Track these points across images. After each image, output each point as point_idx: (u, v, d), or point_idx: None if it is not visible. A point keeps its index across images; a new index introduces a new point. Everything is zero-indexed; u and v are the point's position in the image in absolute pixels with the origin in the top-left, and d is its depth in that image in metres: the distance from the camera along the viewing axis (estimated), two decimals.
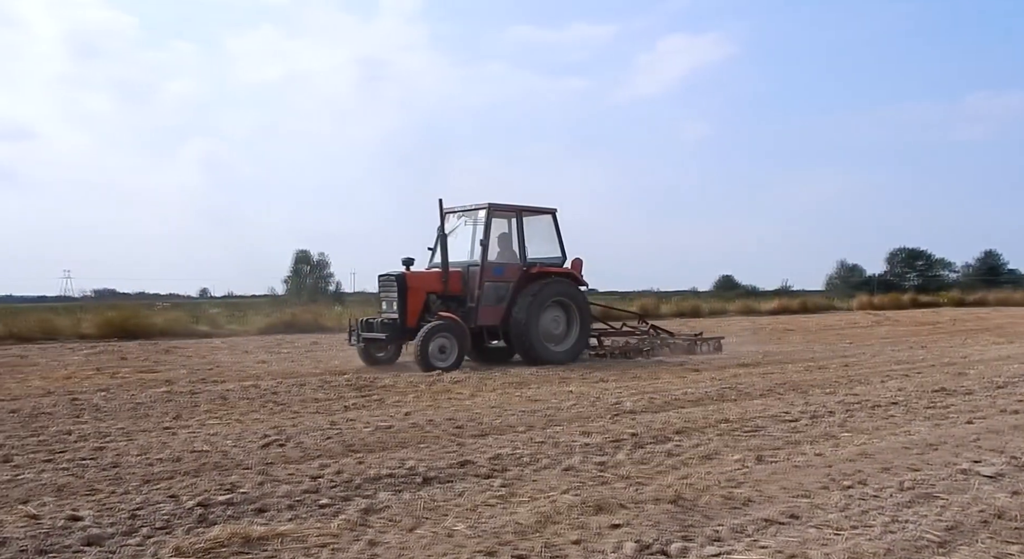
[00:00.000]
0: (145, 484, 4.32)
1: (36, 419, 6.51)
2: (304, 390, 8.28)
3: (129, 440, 5.59)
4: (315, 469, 4.66)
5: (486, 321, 11.22)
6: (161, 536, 3.43)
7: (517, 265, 11.59)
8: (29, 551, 3.22)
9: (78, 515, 3.70)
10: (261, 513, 3.79)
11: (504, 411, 6.84)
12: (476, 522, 3.61)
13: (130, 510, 3.79)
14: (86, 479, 4.44)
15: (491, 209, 11.32)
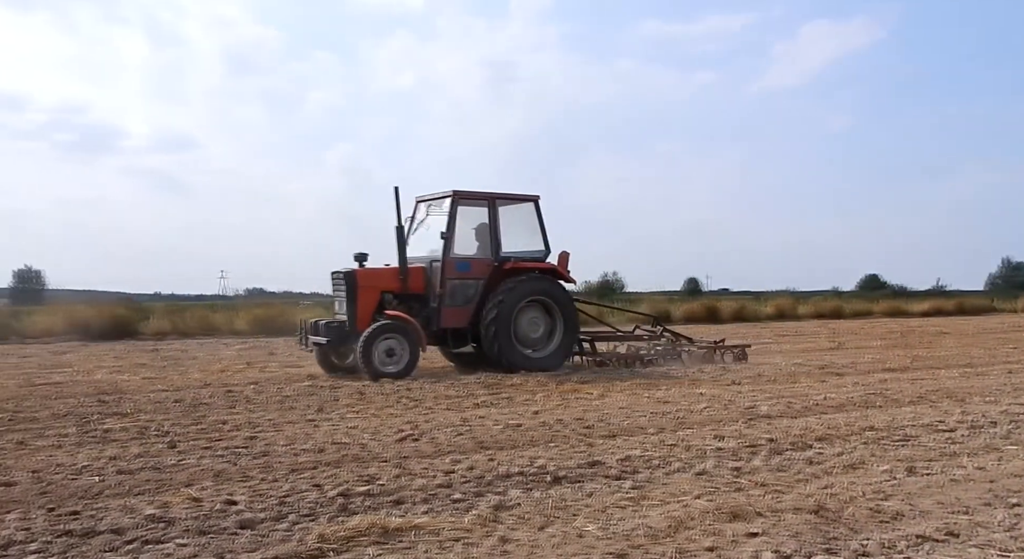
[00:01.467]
0: (292, 473, 4.58)
1: (196, 409, 7.05)
2: (436, 387, 8.51)
3: (277, 431, 5.95)
4: (448, 464, 4.78)
5: (451, 323, 10.04)
6: (306, 523, 3.62)
7: (487, 260, 10.29)
8: (192, 531, 3.49)
9: (233, 500, 3.97)
10: (398, 505, 3.93)
11: (633, 412, 6.75)
12: (606, 524, 3.58)
13: (279, 497, 4.04)
14: (240, 466, 4.77)
15: (456, 197, 10.14)
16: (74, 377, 9.86)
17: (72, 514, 3.73)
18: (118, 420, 6.40)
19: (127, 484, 4.31)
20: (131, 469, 4.66)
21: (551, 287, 10.45)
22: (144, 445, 5.40)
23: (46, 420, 6.45)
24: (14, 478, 4.44)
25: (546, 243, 10.70)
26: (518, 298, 10.06)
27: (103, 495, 4.11)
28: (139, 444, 5.43)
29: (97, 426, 6.10)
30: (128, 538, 3.39)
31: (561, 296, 10.53)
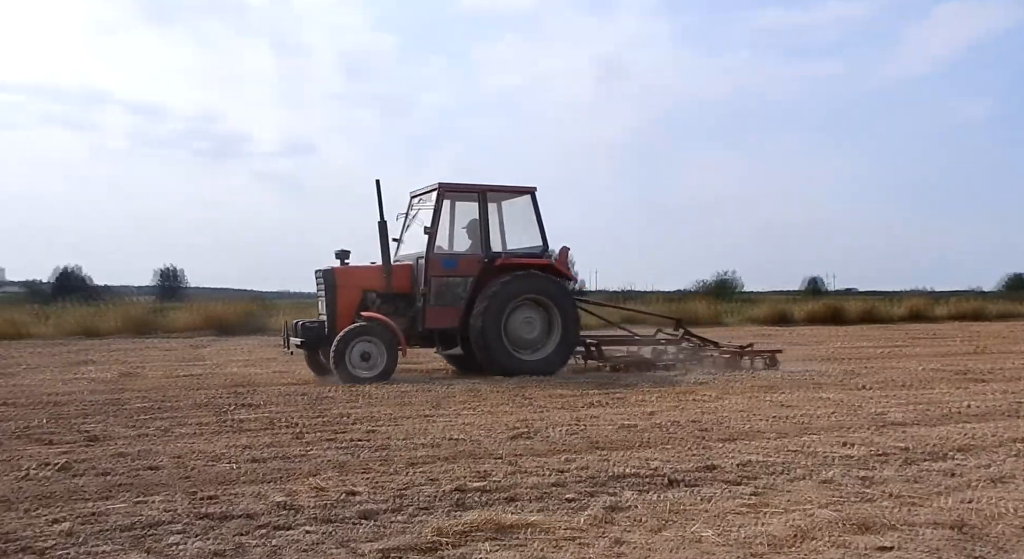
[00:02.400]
0: (410, 466, 4.70)
1: (320, 402, 7.37)
2: (549, 386, 8.53)
3: (395, 425, 6.13)
4: (561, 463, 4.77)
5: (437, 323, 9.51)
6: (423, 516, 3.71)
7: (476, 256, 9.70)
8: (317, 519, 3.65)
9: (355, 490, 4.12)
10: (511, 502, 3.96)
11: (752, 416, 6.52)
12: (724, 530, 3.47)
13: (398, 489, 4.16)
14: (361, 458, 4.94)
15: (442, 189, 9.60)
16: (211, 370, 10.54)
17: (210, 498, 3.99)
18: (250, 411, 6.79)
19: (258, 472, 4.56)
20: (262, 458, 4.93)
21: (546, 285, 9.69)
22: (273, 435, 5.69)
23: (187, 409, 6.91)
24: (159, 462, 4.78)
25: (544, 238, 10.03)
26: (509, 297, 9.40)
27: (237, 481, 4.36)
28: (269, 434, 5.74)
29: (232, 416, 6.49)
30: (260, 523, 3.58)
31: (558, 295, 9.78)
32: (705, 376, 9.36)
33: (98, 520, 3.60)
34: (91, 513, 3.70)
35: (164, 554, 3.18)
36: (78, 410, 6.83)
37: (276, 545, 3.29)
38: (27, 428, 5.91)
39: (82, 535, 3.38)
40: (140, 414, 6.62)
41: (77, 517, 3.63)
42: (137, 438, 5.59)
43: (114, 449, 5.17)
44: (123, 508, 3.80)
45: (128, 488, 4.20)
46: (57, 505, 3.87)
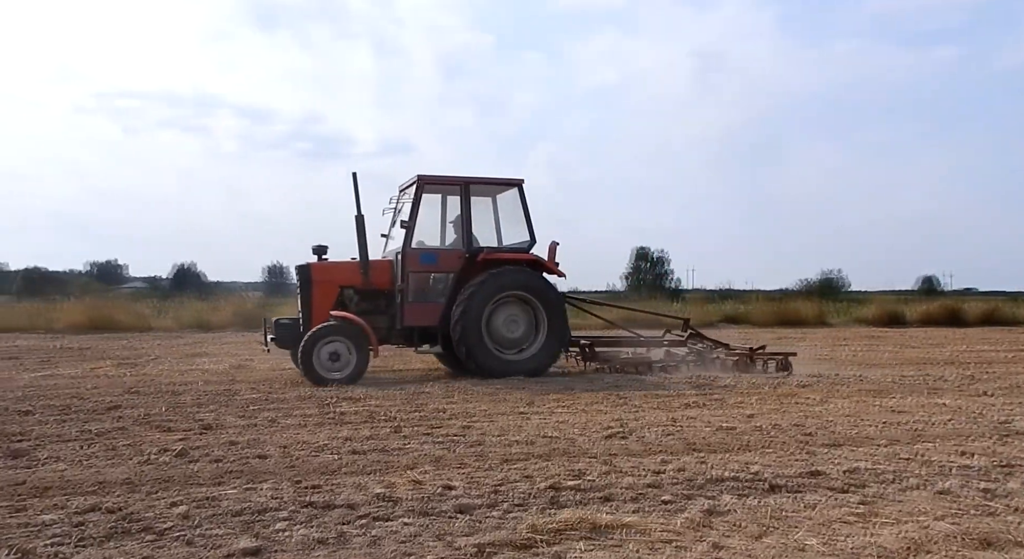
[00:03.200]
0: (504, 463, 4.73)
1: (418, 397, 7.52)
2: (644, 385, 8.41)
3: (490, 422, 6.19)
4: (657, 464, 4.69)
5: (416, 321, 9.16)
6: (518, 512, 3.73)
7: (456, 251, 9.33)
8: (415, 512, 3.72)
9: (451, 485, 4.18)
10: (606, 502, 3.92)
11: (860, 421, 6.22)
12: (830, 539, 3.32)
13: (493, 485, 4.19)
14: (457, 453, 5.02)
15: (421, 182, 9.26)
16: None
17: (314, 487, 4.13)
18: (351, 404, 7.00)
19: (359, 463, 4.70)
20: (362, 450, 5.07)
21: (531, 280, 9.25)
22: (373, 428, 5.85)
23: (292, 401, 7.20)
24: (267, 451, 5.00)
25: (531, 232, 9.58)
26: (490, 294, 8.99)
27: (339, 472, 4.51)
28: (369, 427, 5.90)
29: (334, 409, 6.71)
30: (360, 513, 3.69)
31: (544, 291, 9.33)
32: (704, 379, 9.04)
33: (211, 504, 3.80)
34: (205, 497, 3.91)
35: (271, 539, 3.31)
36: (194, 399, 7.23)
37: (376, 535, 3.38)
38: (148, 415, 6.30)
39: (197, 518, 3.57)
40: (250, 405, 6.94)
41: (192, 501, 3.84)
42: (247, 427, 5.86)
43: (226, 437, 5.44)
44: (234, 494, 3.99)
45: (239, 475, 4.41)
46: (175, 489, 4.10)
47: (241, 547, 3.18)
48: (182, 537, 3.32)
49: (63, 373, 9.52)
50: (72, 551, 3.15)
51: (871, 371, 10.07)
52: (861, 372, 9.90)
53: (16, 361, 10.98)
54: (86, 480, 4.23)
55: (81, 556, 3.10)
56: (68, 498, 3.89)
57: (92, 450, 5.00)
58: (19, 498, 3.89)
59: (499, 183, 9.78)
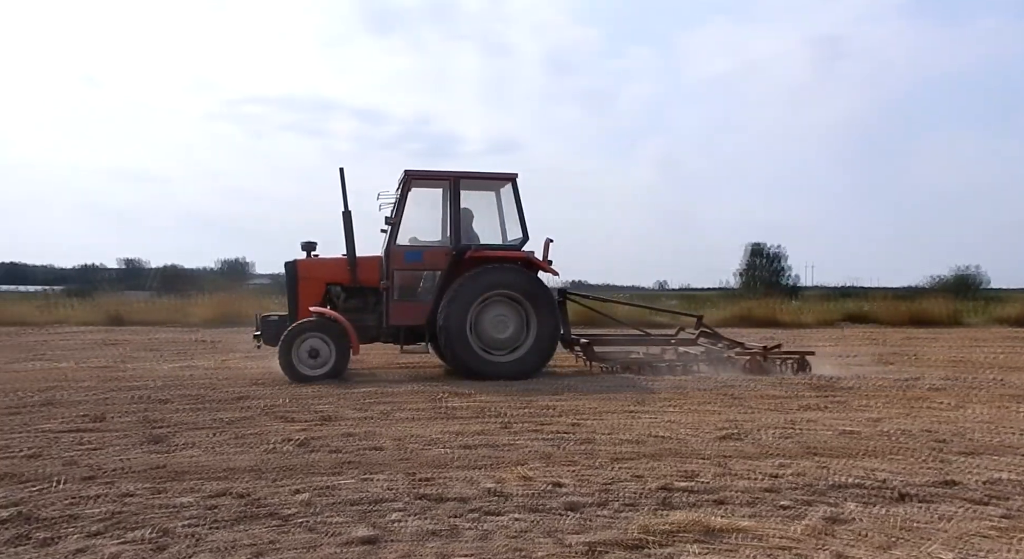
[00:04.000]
0: (614, 462, 4.69)
1: (526, 394, 7.56)
2: (759, 386, 8.13)
3: (599, 419, 6.14)
4: (774, 468, 4.52)
5: (401, 320, 8.92)
6: (628, 512, 3.68)
7: (443, 249, 9.03)
8: (524, 508, 3.75)
9: (561, 482, 4.18)
10: (720, 505, 3.81)
11: (1000, 428, 5.78)
12: (967, 554, 3.10)
13: (602, 484, 4.16)
14: (566, 451, 5.01)
15: (408, 177, 8.97)
16: (423, 359, 11.16)
17: (426, 480, 4.23)
18: (461, 400, 7.12)
19: (469, 458, 4.77)
20: (472, 444, 5.15)
21: (519, 279, 8.86)
22: (483, 423, 5.93)
23: (404, 395, 7.40)
24: (382, 444, 5.16)
25: (524, 229, 9.15)
26: (476, 292, 8.71)
27: (451, 466, 4.59)
28: (479, 422, 5.98)
29: (445, 404, 6.85)
30: (471, 507, 3.74)
31: (533, 290, 8.92)
32: (821, 380, 8.51)
33: (331, 493, 3.95)
34: (325, 486, 4.07)
35: (387, 529, 3.42)
36: (313, 392, 7.55)
37: (487, 530, 3.42)
38: (272, 406, 6.63)
39: (318, 506, 3.73)
40: (365, 398, 7.18)
41: (313, 489, 4.01)
42: (362, 420, 6.07)
43: (343, 429, 5.66)
44: (351, 484, 4.14)
45: (355, 466, 4.57)
46: (297, 477, 4.30)
47: (358, 535, 3.30)
48: (304, 524, 3.48)
49: (197, 364, 10.17)
50: (206, 532, 3.36)
51: (1012, 375, 9.33)
52: (1000, 375, 9.19)
53: (156, 353, 11.82)
54: (217, 466, 4.50)
55: (214, 537, 3.29)
56: (202, 482, 4.15)
57: (222, 438, 5.31)
58: (159, 481, 4.18)
59: (492, 178, 9.44)
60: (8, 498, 3.76)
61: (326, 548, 3.18)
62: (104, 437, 5.27)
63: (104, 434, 5.38)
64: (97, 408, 6.34)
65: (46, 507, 3.64)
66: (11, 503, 3.68)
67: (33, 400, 6.77)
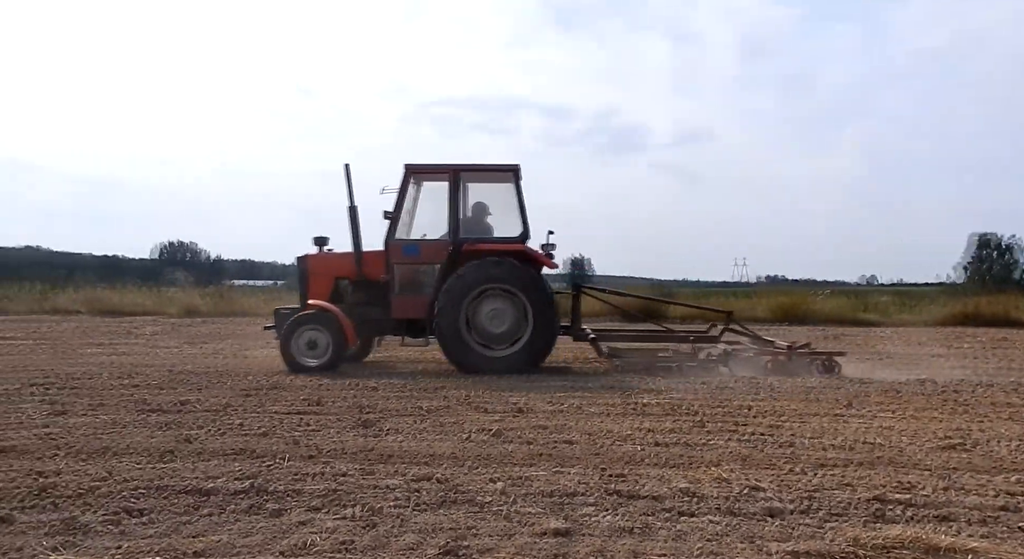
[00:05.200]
0: (819, 468, 4.39)
1: (722, 392, 7.29)
2: (992, 391, 7.27)
3: (802, 422, 5.79)
4: (1010, 484, 4.02)
5: (404, 313, 8.95)
6: (836, 523, 3.43)
7: (442, 243, 8.92)
8: (721, 511, 3.61)
9: (759, 486, 3.99)
10: (944, 521, 3.45)
11: None
12: None
13: (806, 490, 3.91)
14: (765, 453, 4.77)
15: (409, 171, 8.92)
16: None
17: (618, 476, 4.21)
18: (653, 396, 7.01)
19: (662, 456, 4.69)
20: (665, 442, 5.05)
21: (512, 273, 8.64)
22: (675, 421, 5.80)
23: (596, 390, 7.41)
24: (573, 438, 5.20)
25: (524, 222, 8.92)
26: (468, 287, 8.60)
27: (642, 463, 4.54)
28: (671, 420, 5.86)
29: (636, 400, 6.77)
30: (664, 506, 3.67)
31: (528, 283, 8.66)
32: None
33: (524, 484, 4.05)
34: (519, 477, 4.18)
35: (579, 523, 3.44)
36: (507, 384, 7.77)
37: (680, 530, 3.34)
38: (469, 397, 6.90)
39: (513, 495, 3.83)
40: (556, 391, 7.28)
41: (508, 479, 4.13)
42: (555, 413, 6.16)
43: (536, 421, 5.77)
44: (544, 476, 4.21)
45: (548, 458, 4.64)
46: (493, 466, 4.45)
47: (552, 527, 3.34)
48: (500, 512, 3.59)
49: (398, 355, 10.83)
50: (411, 513, 3.56)
51: None
52: None
53: None
54: (420, 451, 4.76)
55: (418, 519, 3.49)
56: (406, 466, 4.41)
57: (424, 425, 5.62)
58: (368, 463, 4.50)
59: (493, 170, 9.26)
60: (244, 471, 4.21)
61: (521, 537, 3.26)
62: (322, 420, 5.76)
63: (322, 417, 5.88)
64: (316, 393, 6.94)
65: (275, 481, 4.04)
66: (246, 476, 4.12)
67: (262, 384, 7.54)
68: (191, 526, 3.37)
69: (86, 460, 4.44)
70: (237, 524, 3.40)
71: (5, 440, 4.86)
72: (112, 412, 5.93)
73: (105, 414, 5.84)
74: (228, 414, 5.91)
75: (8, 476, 4.03)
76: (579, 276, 51.72)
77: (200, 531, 3.31)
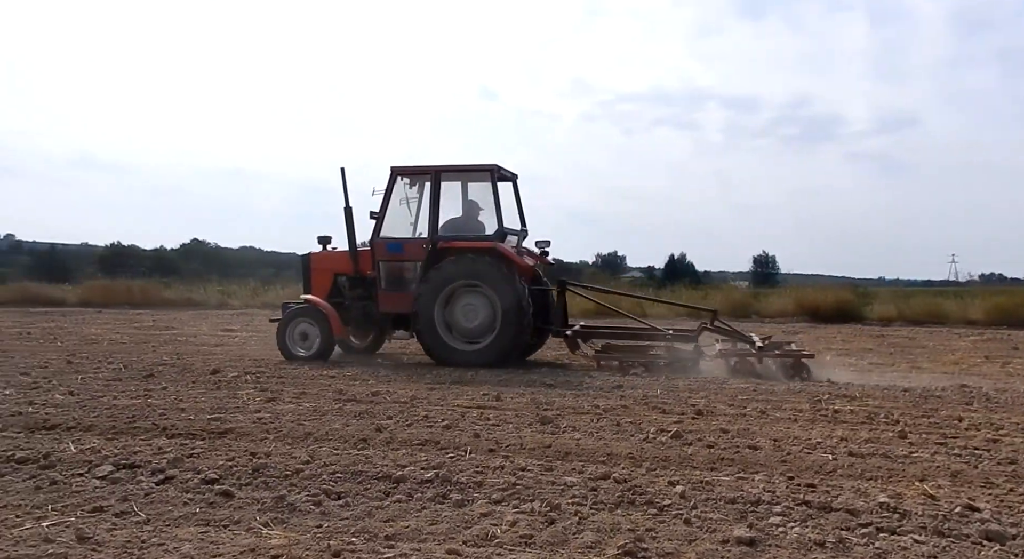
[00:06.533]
0: None
1: (926, 401, 6.67)
2: None
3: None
4: None
5: (390, 308, 9.52)
6: None
7: (422, 240, 9.33)
8: (928, 530, 3.30)
9: (974, 505, 3.60)
10: None
11: None
12: None
13: None
14: (980, 470, 4.30)
15: (393, 172, 9.44)
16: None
17: (809, 486, 3.96)
18: (846, 402, 6.54)
19: (858, 467, 4.36)
20: (861, 453, 4.69)
21: (483, 270, 8.99)
22: (873, 431, 5.38)
23: (782, 394, 7.03)
24: (758, 443, 4.97)
25: (500, 220, 9.21)
26: (442, 283, 9.05)
27: (835, 474, 4.24)
28: (868, 429, 5.44)
29: (827, 406, 6.35)
30: (862, 521, 3.41)
31: (496, 280, 8.94)
32: None
33: (706, 488, 3.92)
34: (700, 481, 4.05)
35: (766, 533, 3.27)
36: (686, 384, 7.57)
37: (881, 548, 3.09)
38: (646, 396, 6.80)
39: (693, 500, 3.72)
40: (739, 394, 6.99)
41: (689, 482, 4.02)
42: (737, 417, 5.92)
43: (717, 424, 5.57)
44: (727, 481, 4.05)
45: (731, 463, 4.47)
46: (672, 468, 4.35)
47: (736, 535, 3.21)
48: (680, 516, 3.50)
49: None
50: (589, 512, 3.56)
51: None
52: None
53: None
54: (598, 450, 4.75)
55: (596, 518, 3.48)
56: (584, 464, 4.41)
57: (601, 424, 5.60)
58: (547, 459, 4.55)
59: (471, 170, 9.64)
60: (430, 461, 4.42)
61: (704, 543, 3.16)
62: (501, 415, 5.91)
63: (501, 412, 6.03)
64: (496, 389, 7.13)
65: (459, 472, 4.19)
66: (433, 466, 4.31)
67: (445, 379, 7.88)
68: (383, 511, 3.58)
69: (292, 444, 4.86)
70: (424, 512, 3.57)
71: (227, 423, 5.43)
72: (314, 400, 6.44)
73: (308, 402, 6.35)
74: (415, 406, 6.22)
75: (229, 455, 4.49)
76: (762, 275, 49.48)
77: (391, 516, 3.51)
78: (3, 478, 4.01)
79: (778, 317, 18.78)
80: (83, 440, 4.83)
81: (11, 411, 5.73)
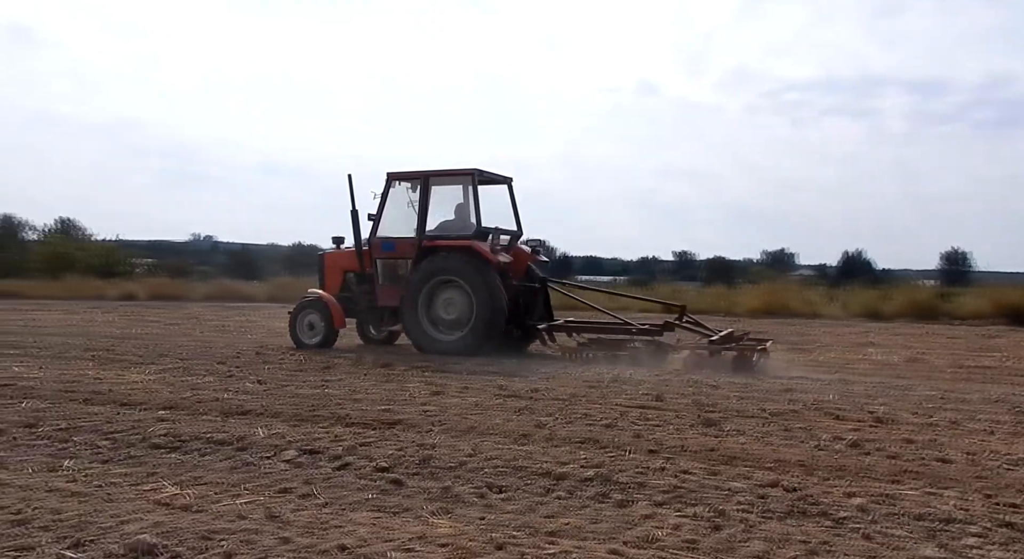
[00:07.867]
0: None
1: None
2: None
3: None
4: None
5: (387, 302, 10.41)
6: None
7: (411, 239, 10.14)
8: None
9: None
10: None
11: None
12: None
13: None
14: None
15: (389, 178, 10.32)
16: (1002, 363, 9.53)
17: (1011, 506, 3.58)
18: None
19: None
20: None
21: (460, 266, 9.73)
22: None
23: (976, 403, 6.41)
24: (949, 456, 4.54)
25: (479, 220, 9.95)
26: (425, 278, 9.86)
27: None
28: None
29: None
30: None
31: (472, 275, 9.66)
32: None
33: (889, 502, 3.64)
34: (882, 494, 3.76)
35: (959, 554, 2.99)
36: (864, 390, 7.07)
37: None
38: (819, 401, 6.41)
39: (874, 514, 3.47)
40: (925, 402, 6.44)
41: (868, 495, 3.74)
42: (924, 427, 5.45)
43: (900, 434, 5.15)
44: (914, 496, 3.74)
45: (917, 476, 4.12)
46: (849, 479, 4.07)
47: (924, 555, 2.96)
48: (859, 529, 3.27)
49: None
50: (757, 520, 3.41)
51: None
52: None
53: None
54: (766, 456, 4.54)
55: (766, 527, 3.32)
56: (751, 470, 4.23)
57: (770, 428, 5.35)
58: (712, 463, 4.41)
59: (455, 174, 10.30)
60: (591, 461, 4.40)
61: None
62: (663, 415, 5.79)
63: (663, 412, 5.91)
64: (657, 388, 7.00)
65: (620, 472, 4.15)
66: (594, 465, 4.30)
67: (604, 377, 7.83)
68: (545, 507, 3.61)
69: (457, 437, 5.02)
70: (585, 510, 3.56)
71: (398, 414, 5.71)
72: (477, 395, 6.62)
73: (471, 396, 6.54)
74: (574, 404, 6.24)
75: (399, 446, 4.72)
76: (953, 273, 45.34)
77: (553, 512, 3.53)
78: (205, 457, 4.44)
79: (972, 319, 17.12)
80: (271, 426, 5.25)
81: (211, 397, 6.34)
